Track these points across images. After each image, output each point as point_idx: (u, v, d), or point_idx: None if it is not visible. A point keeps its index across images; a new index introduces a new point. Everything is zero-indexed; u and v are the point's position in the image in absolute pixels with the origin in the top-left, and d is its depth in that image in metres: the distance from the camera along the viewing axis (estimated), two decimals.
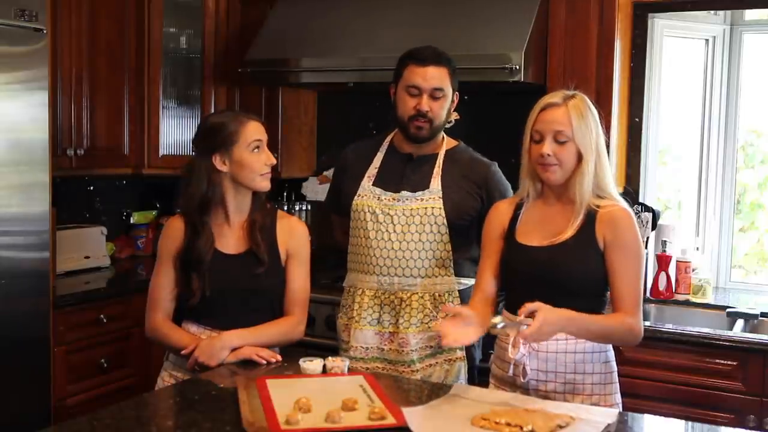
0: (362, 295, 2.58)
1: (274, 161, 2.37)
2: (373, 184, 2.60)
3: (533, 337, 1.97)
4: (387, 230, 2.55)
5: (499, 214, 2.32)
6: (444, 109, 2.55)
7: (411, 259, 2.54)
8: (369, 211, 2.57)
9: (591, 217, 2.15)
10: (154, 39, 3.88)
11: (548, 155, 2.11)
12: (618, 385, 2.22)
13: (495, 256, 2.29)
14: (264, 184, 2.36)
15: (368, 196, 2.59)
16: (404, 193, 2.56)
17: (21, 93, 2.99)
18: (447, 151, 2.63)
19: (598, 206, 2.15)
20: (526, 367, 2.11)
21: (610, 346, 2.22)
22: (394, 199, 2.56)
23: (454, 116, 2.71)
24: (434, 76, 2.50)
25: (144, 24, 3.86)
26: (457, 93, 2.61)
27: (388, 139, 2.69)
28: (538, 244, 2.18)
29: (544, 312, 1.96)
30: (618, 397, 2.21)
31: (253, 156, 2.33)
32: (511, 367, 2.13)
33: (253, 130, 2.34)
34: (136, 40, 3.86)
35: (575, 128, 2.11)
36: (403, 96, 2.54)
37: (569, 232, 2.14)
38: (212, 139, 2.34)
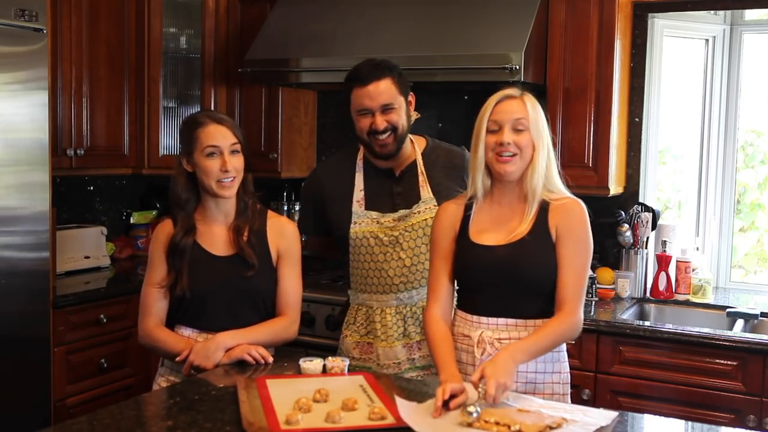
0: (383, 314, 2.53)
1: (230, 169, 2.28)
2: (366, 209, 2.54)
3: (502, 387, 1.88)
4: (396, 250, 2.50)
5: (449, 214, 2.24)
6: (402, 116, 2.47)
7: (425, 270, 2.47)
8: (372, 236, 2.51)
9: (544, 208, 2.13)
10: (154, 39, 3.89)
11: (508, 143, 2.08)
12: (570, 384, 2.21)
13: (448, 260, 2.22)
14: (222, 192, 2.31)
15: (366, 222, 2.52)
16: (401, 211, 2.52)
17: (21, 93, 2.99)
18: (422, 153, 2.58)
19: (550, 199, 2.14)
20: None
21: (564, 347, 2.21)
22: (393, 220, 2.52)
23: (415, 115, 2.64)
24: (380, 92, 2.42)
25: (144, 24, 3.86)
26: (411, 94, 2.54)
27: (360, 156, 2.59)
28: (495, 243, 2.14)
29: (492, 373, 1.88)
30: (569, 396, 2.20)
31: (207, 161, 2.28)
32: (473, 369, 2.10)
33: (208, 136, 2.27)
34: (136, 40, 3.87)
35: (531, 117, 2.10)
36: (358, 119, 2.48)
37: (525, 227, 2.12)
38: (181, 140, 2.37)
